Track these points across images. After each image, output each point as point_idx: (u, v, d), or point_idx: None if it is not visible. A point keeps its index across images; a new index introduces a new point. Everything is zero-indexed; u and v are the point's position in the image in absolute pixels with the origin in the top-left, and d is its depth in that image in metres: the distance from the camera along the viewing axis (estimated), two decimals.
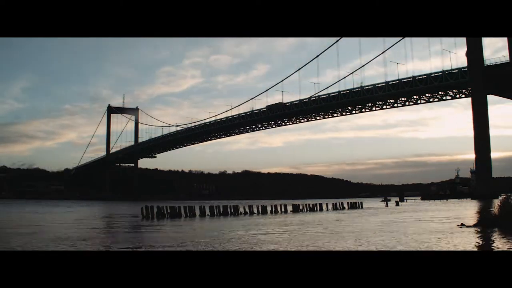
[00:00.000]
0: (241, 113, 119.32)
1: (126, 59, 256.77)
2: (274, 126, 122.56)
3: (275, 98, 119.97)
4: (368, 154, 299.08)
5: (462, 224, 22.89)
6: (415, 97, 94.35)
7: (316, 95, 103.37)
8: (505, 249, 14.22)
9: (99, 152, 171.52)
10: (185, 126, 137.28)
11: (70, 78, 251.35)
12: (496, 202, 24.46)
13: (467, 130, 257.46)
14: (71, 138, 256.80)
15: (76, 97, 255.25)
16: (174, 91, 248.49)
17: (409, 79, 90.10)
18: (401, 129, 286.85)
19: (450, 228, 22.29)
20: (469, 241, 16.50)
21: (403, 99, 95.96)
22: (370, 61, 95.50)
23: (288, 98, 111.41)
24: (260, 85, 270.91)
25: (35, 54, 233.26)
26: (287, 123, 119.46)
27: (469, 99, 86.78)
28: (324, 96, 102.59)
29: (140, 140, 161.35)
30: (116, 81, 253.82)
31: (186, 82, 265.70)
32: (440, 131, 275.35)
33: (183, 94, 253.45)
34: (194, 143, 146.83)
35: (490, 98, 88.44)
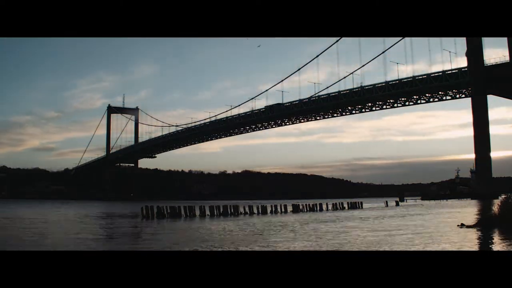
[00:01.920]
0: (241, 113, 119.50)
1: (31, 85, 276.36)
2: (274, 126, 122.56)
3: (274, 98, 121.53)
4: (301, 158, 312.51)
5: (462, 224, 22.87)
6: (415, 97, 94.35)
7: (316, 95, 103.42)
8: (505, 249, 14.22)
9: (98, 152, 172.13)
10: (185, 126, 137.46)
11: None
12: (496, 202, 24.45)
13: (371, 136, 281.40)
14: (35, 145, 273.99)
15: (13, 111, 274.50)
16: (92, 108, 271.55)
17: (409, 79, 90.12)
18: (320, 136, 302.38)
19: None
20: (469, 241, 16.49)
21: (403, 99, 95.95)
22: (370, 61, 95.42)
23: (288, 98, 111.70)
24: (148, 102, 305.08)
25: None
26: (287, 123, 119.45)
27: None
28: (324, 96, 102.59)
29: (140, 140, 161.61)
30: (33, 102, 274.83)
31: (98, 101, 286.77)
32: (354, 136, 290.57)
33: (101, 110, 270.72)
34: (194, 143, 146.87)
35: (490, 98, 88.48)
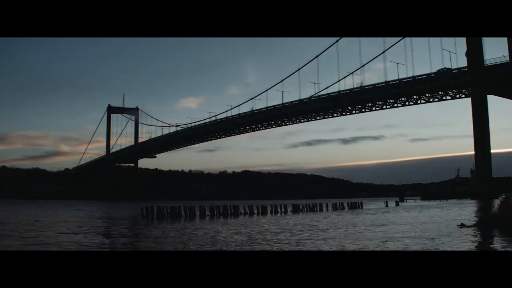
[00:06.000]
0: (241, 113, 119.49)
1: None
2: (274, 126, 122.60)
3: (274, 98, 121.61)
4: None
5: (462, 224, 22.87)
6: (415, 97, 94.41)
7: (316, 95, 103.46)
8: (505, 249, 14.22)
9: (99, 152, 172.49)
10: (185, 126, 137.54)
11: None
12: (496, 202, 24.48)
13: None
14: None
15: None
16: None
17: (409, 79, 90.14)
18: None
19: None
20: (469, 241, 16.49)
21: (403, 99, 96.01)
22: (370, 61, 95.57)
23: (288, 98, 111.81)
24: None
25: None
26: (287, 123, 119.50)
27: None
28: (324, 96, 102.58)
29: (140, 140, 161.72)
30: None
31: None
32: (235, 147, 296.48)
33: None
34: (194, 143, 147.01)
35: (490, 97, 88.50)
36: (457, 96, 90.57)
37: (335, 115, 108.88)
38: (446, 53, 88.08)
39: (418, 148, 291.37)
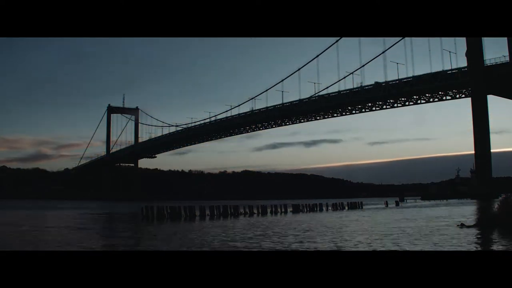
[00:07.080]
0: (241, 113, 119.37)
1: None
2: (274, 126, 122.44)
3: (274, 98, 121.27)
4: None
5: (462, 224, 22.86)
6: (415, 97, 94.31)
7: (316, 95, 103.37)
8: (505, 249, 14.22)
9: (98, 151, 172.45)
10: (185, 126, 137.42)
11: None
12: (496, 202, 24.48)
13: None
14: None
15: None
16: None
17: (409, 79, 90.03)
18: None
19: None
20: (469, 241, 16.48)
21: (403, 99, 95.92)
22: (370, 61, 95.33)
23: (288, 98, 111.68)
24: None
25: None
26: (287, 123, 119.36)
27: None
28: (324, 96, 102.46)
29: (140, 140, 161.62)
30: None
31: None
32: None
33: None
34: (194, 143, 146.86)
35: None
36: (457, 96, 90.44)
37: (335, 115, 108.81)
38: (446, 53, 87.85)
39: (377, 152, 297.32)
